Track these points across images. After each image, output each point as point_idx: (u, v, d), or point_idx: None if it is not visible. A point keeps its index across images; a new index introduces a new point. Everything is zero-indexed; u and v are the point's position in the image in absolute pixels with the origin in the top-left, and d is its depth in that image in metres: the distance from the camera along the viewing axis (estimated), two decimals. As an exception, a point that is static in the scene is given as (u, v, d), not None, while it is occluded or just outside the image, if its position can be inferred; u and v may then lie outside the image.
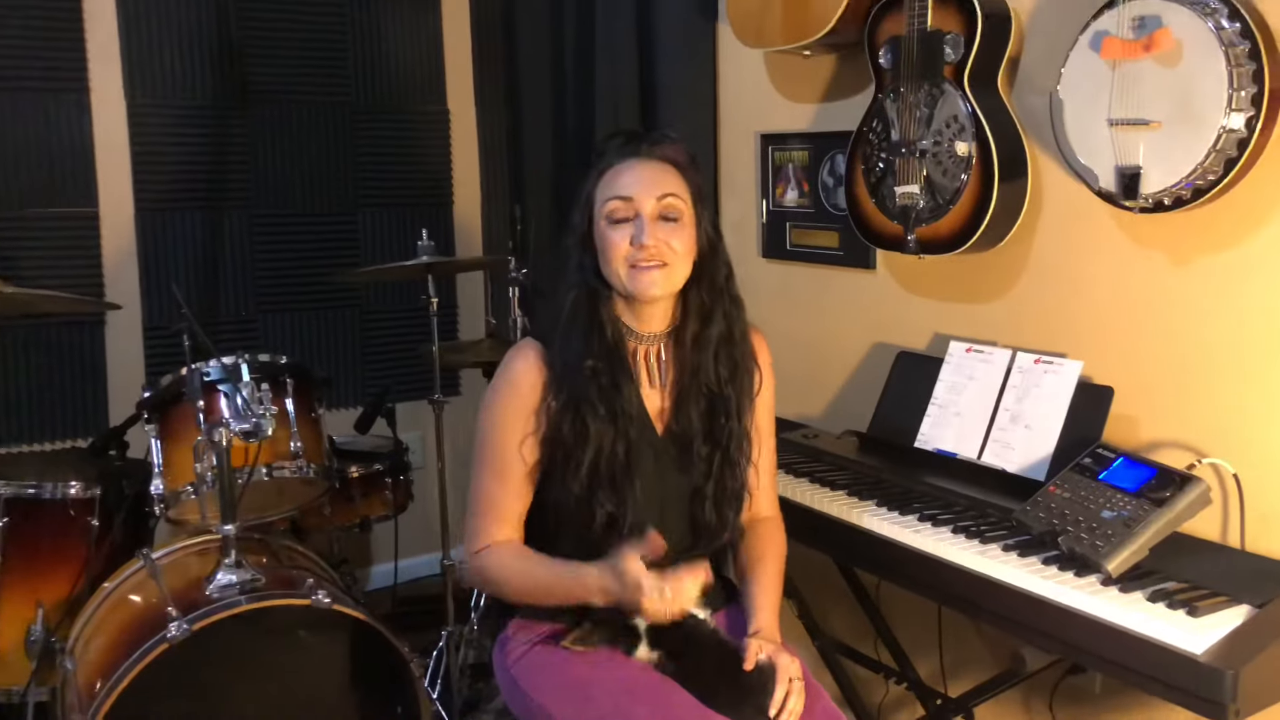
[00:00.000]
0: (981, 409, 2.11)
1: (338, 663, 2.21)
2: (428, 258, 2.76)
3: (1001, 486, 1.98)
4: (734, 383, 1.72)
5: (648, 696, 1.58)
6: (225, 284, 3.45)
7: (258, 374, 2.37)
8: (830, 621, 2.50)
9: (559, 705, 1.64)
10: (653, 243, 1.63)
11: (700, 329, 1.71)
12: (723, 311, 1.72)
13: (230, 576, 2.19)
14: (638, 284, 1.65)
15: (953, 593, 1.80)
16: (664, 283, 1.65)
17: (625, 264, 1.64)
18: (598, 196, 1.68)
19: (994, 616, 1.74)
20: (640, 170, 1.66)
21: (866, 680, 2.48)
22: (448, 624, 2.79)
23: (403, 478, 3.04)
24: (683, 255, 1.66)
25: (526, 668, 1.72)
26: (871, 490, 2.08)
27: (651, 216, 1.64)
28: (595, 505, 1.66)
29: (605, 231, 1.66)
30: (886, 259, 2.50)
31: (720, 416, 1.71)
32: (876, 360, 2.49)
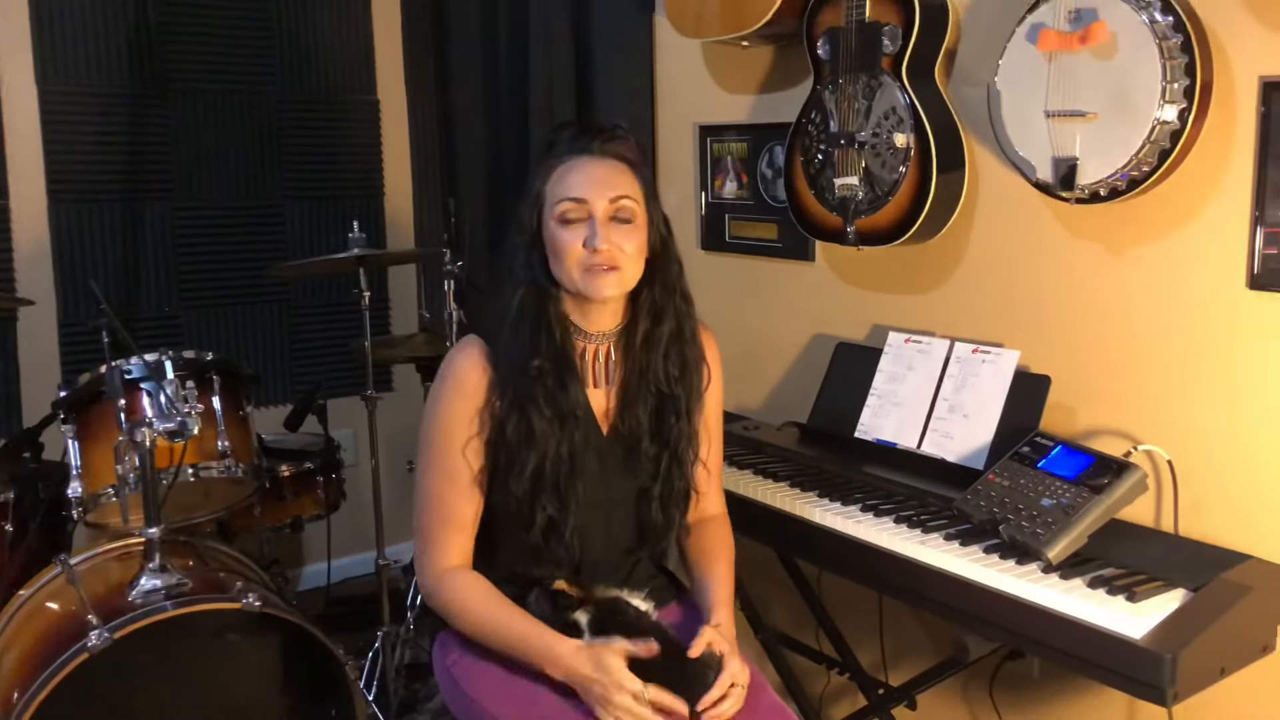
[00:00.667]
0: (920, 399, 2.12)
1: (270, 667, 2.16)
2: (359, 250, 2.70)
3: (941, 476, 2.00)
4: (683, 382, 1.70)
5: None
6: (146, 279, 3.34)
7: (182, 371, 2.30)
8: (772, 613, 2.49)
9: (500, 706, 1.61)
10: (606, 246, 1.59)
11: (651, 328, 1.68)
12: (674, 310, 1.69)
13: (154, 581, 2.12)
14: (591, 287, 1.61)
15: (895, 582, 1.80)
16: (617, 285, 1.63)
17: (579, 266, 1.61)
18: (548, 194, 1.64)
19: (936, 605, 1.75)
20: (593, 169, 1.62)
21: (808, 671, 2.49)
22: (383, 624, 2.74)
23: (335, 476, 2.97)
24: (635, 257, 1.63)
25: (467, 668, 1.68)
26: (813, 481, 2.08)
27: (604, 218, 1.60)
28: (537, 509, 1.63)
29: (556, 232, 1.62)
30: (825, 251, 2.50)
31: (670, 416, 1.69)
32: (816, 352, 2.49)
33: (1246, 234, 1.75)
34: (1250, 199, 1.74)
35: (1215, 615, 1.51)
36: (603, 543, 1.70)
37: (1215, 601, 1.54)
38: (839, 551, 1.88)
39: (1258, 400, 1.76)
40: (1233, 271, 1.77)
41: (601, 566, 1.71)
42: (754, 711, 1.60)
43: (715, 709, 1.54)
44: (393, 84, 3.73)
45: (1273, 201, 1.71)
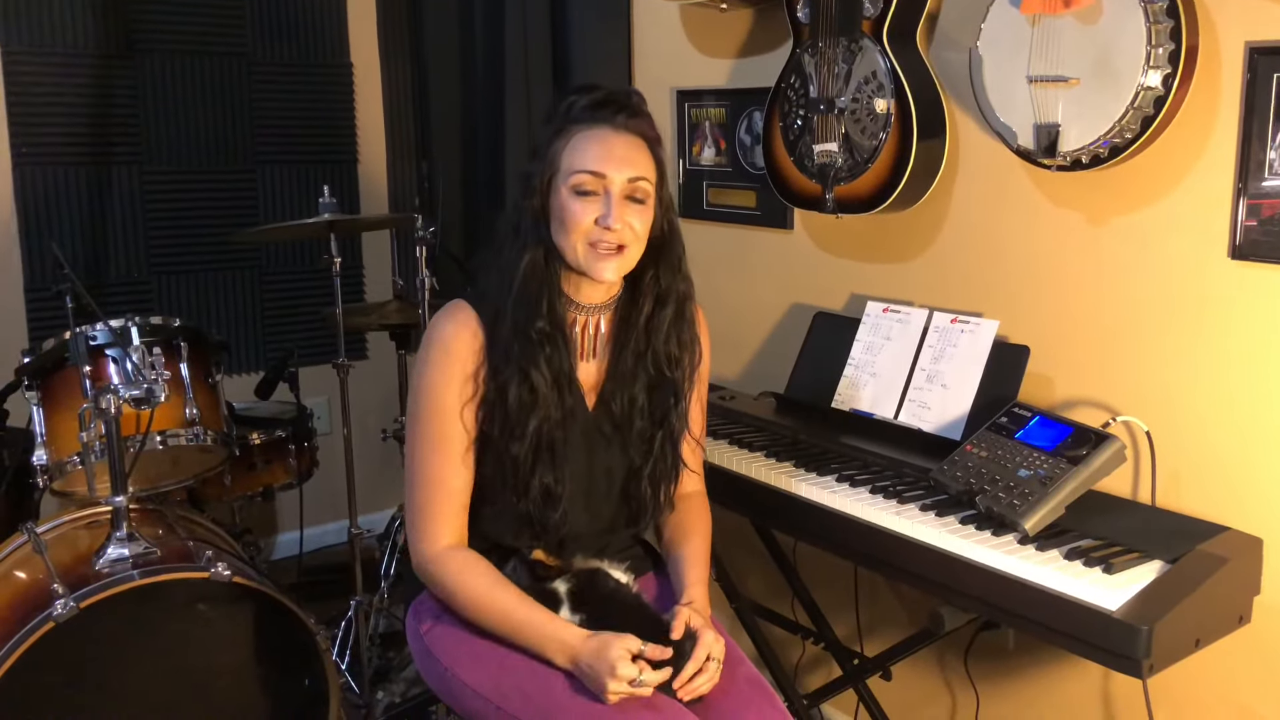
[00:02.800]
0: (898, 369, 2.10)
1: (240, 637, 2.12)
2: (330, 215, 2.63)
3: (918, 446, 1.97)
4: (680, 366, 1.68)
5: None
6: (114, 244, 3.26)
7: (149, 337, 2.27)
8: (748, 583, 2.48)
9: (474, 674, 1.59)
10: (619, 226, 1.56)
11: (655, 310, 1.66)
12: (678, 293, 1.67)
13: (121, 550, 2.07)
14: (594, 266, 1.58)
15: (871, 553, 1.78)
16: (620, 267, 1.60)
17: (585, 241, 1.57)
18: (563, 161, 1.58)
19: (912, 576, 1.73)
20: (614, 144, 1.58)
21: (784, 641, 2.48)
22: (356, 593, 2.70)
23: (307, 444, 2.93)
24: (641, 238, 1.60)
25: (441, 636, 1.66)
26: (789, 451, 2.05)
27: (619, 196, 1.57)
28: (534, 476, 1.59)
29: (568, 202, 1.58)
30: (804, 219, 2.47)
31: (668, 398, 1.67)
32: (794, 321, 2.47)
33: (1229, 203, 1.72)
34: (1234, 168, 1.71)
35: (1191, 587, 1.49)
36: (586, 516, 1.68)
37: (1191, 573, 1.53)
38: (815, 522, 1.86)
39: (1238, 371, 1.75)
40: (1215, 241, 1.75)
41: (582, 539, 1.68)
42: (731, 683, 1.58)
43: (691, 684, 1.51)
44: (366, 47, 3.64)
45: (1256, 171, 1.68)
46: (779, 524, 2.12)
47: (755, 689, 1.59)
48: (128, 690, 2.00)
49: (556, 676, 1.52)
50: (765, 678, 1.64)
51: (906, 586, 2.25)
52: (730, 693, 1.56)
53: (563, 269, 1.63)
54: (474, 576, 1.58)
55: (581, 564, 1.64)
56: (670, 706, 1.48)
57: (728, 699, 1.55)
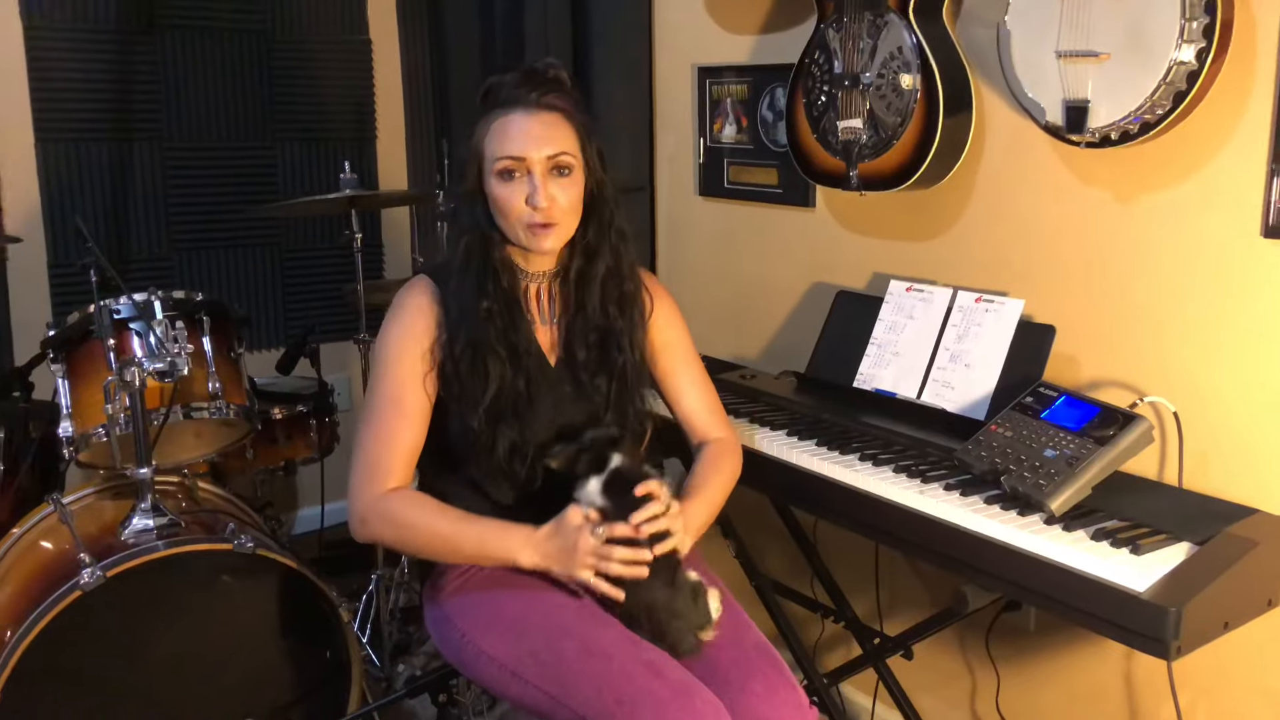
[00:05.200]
0: (921, 348, 2.07)
1: (262, 609, 2.12)
2: (351, 191, 2.62)
3: (941, 426, 1.95)
4: (625, 316, 1.73)
5: (578, 632, 1.55)
6: (136, 220, 3.25)
7: (171, 311, 2.26)
8: (767, 561, 2.47)
9: (490, 641, 1.61)
10: (546, 203, 1.63)
11: (585, 265, 1.73)
12: (609, 247, 1.73)
13: (146, 521, 2.09)
14: (534, 242, 1.66)
15: (894, 532, 1.76)
16: (557, 239, 1.67)
17: (521, 223, 1.65)
18: (487, 149, 1.66)
19: (936, 556, 1.71)
20: (530, 125, 1.63)
21: (803, 619, 2.46)
22: (377, 567, 2.70)
23: (328, 419, 2.92)
24: (572, 209, 1.68)
25: (458, 605, 1.69)
26: (810, 430, 2.03)
27: (542, 174, 1.64)
28: (498, 435, 1.65)
29: (497, 189, 1.65)
30: (826, 197, 2.43)
31: (613, 349, 1.73)
32: (815, 300, 2.44)
33: (1263, 180, 1.68)
34: (1268, 144, 1.67)
35: (1221, 569, 1.46)
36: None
37: (1220, 555, 1.50)
38: (837, 501, 1.84)
39: (1268, 352, 1.71)
40: (1247, 219, 1.71)
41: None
42: (739, 651, 1.58)
43: (652, 524, 1.55)
44: (385, 22, 3.61)
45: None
46: (800, 503, 2.10)
47: (762, 656, 1.59)
48: (151, 660, 2.01)
49: (569, 641, 1.52)
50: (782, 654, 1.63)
51: (927, 566, 2.24)
52: (739, 661, 1.56)
53: (509, 248, 1.70)
54: (416, 508, 1.64)
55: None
56: (674, 670, 1.49)
57: (735, 667, 1.55)
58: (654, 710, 1.41)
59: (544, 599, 1.61)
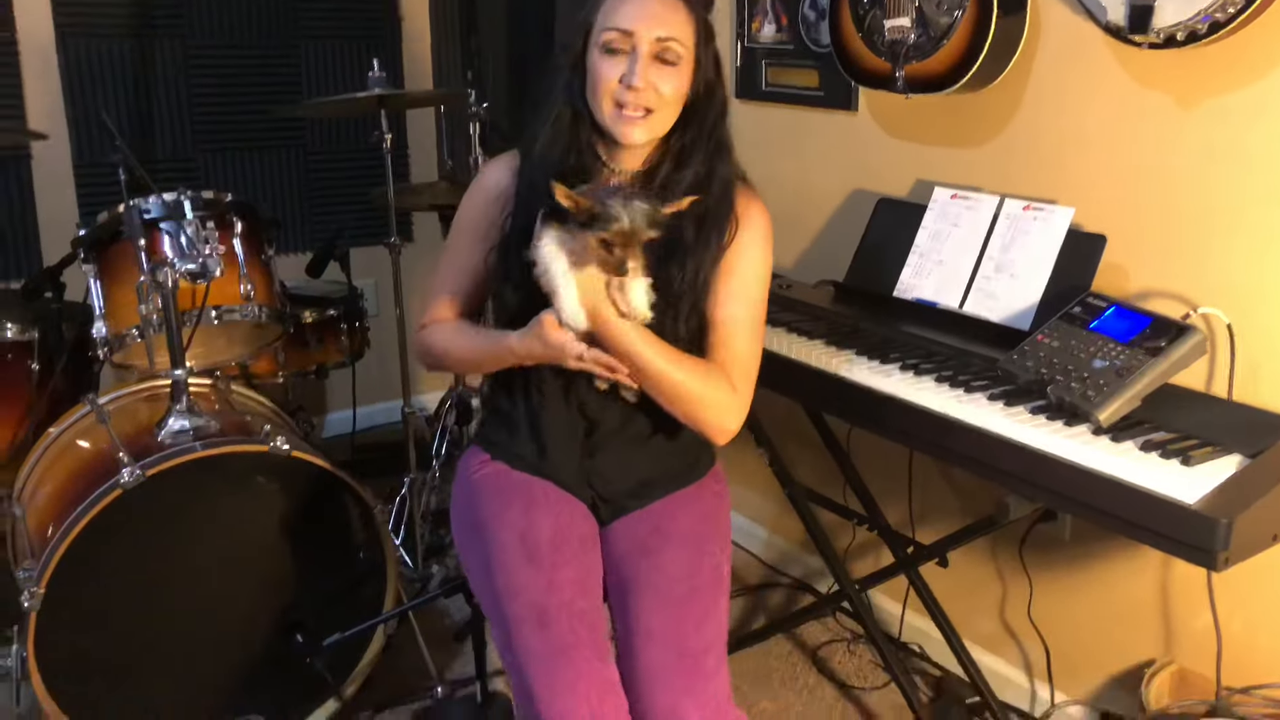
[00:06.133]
0: (965, 257, 2.03)
1: (297, 511, 2.13)
2: (380, 90, 2.55)
3: (984, 336, 1.92)
4: (699, 235, 1.57)
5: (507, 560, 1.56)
6: (160, 120, 3.20)
7: (201, 211, 2.21)
8: (800, 470, 2.46)
9: (461, 542, 1.69)
10: (642, 85, 1.52)
11: (672, 172, 1.58)
12: (703, 157, 1.59)
13: (183, 422, 2.08)
14: (619, 128, 1.55)
15: (935, 441, 1.74)
16: (646, 130, 1.55)
17: (611, 100, 1.54)
18: (596, 21, 1.56)
19: (977, 466, 1.69)
20: (649, 3, 1.53)
21: (835, 525, 2.48)
22: (410, 470, 2.72)
23: (358, 324, 2.92)
24: (671, 101, 1.55)
25: (456, 503, 1.73)
26: (848, 339, 2.01)
27: (647, 56, 1.52)
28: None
29: (597, 61, 1.54)
30: (869, 99, 2.37)
31: (673, 266, 1.56)
32: (855, 207, 2.39)
33: (1334, 84, 1.62)
34: (1344, 46, 1.60)
35: (1272, 481, 1.44)
36: None
37: (1272, 468, 1.48)
38: (874, 409, 1.82)
39: (1327, 263, 1.67)
40: (1314, 125, 1.65)
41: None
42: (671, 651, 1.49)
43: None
44: (411, -84, 3.50)
45: (1368, 49, 1.57)
46: (835, 411, 2.07)
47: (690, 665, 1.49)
48: (188, 558, 2.03)
49: (498, 575, 1.55)
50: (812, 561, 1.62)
51: (961, 475, 2.23)
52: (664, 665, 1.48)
53: (597, 135, 1.60)
54: (448, 331, 1.68)
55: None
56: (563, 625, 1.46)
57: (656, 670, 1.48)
58: (532, 666, 1.44)
59: (504, 516, 1.62)
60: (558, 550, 1.57)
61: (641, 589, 1.57)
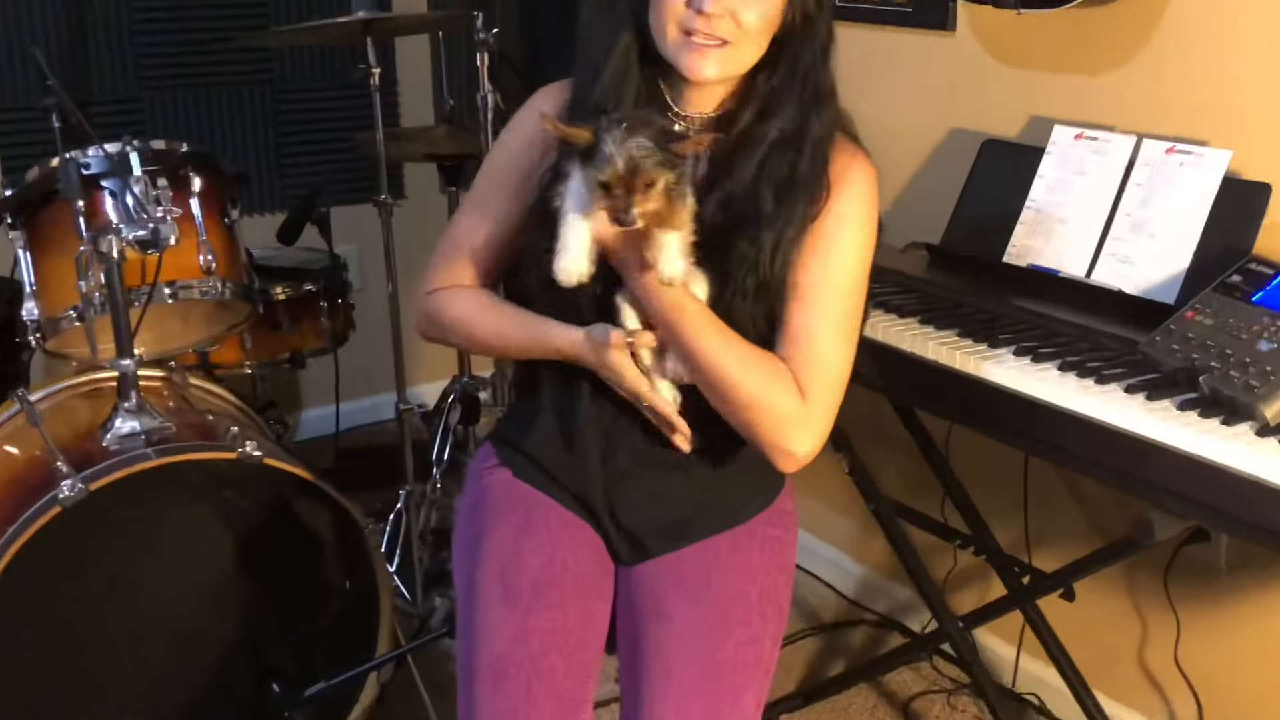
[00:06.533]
0: (1093, 214, 2.04)
1: (271, 531, 2.17)
2: (365, 13, 2.58)
3: (1119, 312, 1.92)
4: (780, 206, 1.54)
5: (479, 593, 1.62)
6: (95, 51, 3.25)
7: (151, 166, 2.24)
8: (886, 479, 2.47)
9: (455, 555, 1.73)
10: (717, 10, 1.48)
11: (755, 122, 1.56)
12: (797, 105, 1.55)
13: (132, 424, 2.12)
14: (684, 60, 1.52)
15: (1057, 444, 1.75)
16: (719, 66, 1.52)
17: (676, 27, 1.51)
18: None
19: (1111, 474, 1.70)
20: None
21: (932, 548, 2.49)
22: (406, 481, 2.75)
23: (341, 301, 2.95)
24: (754, 33, 1.51)
25: (484, 491, 1.73)
26: (948, 317, 2.02)
27: None
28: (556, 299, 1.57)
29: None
30: (971, 16, 2.38)
31: (740, 239, 1.54)
32: (954, 151, 2.40)
33: None
34: None
35: None
36: None
37: None
38: (981, 404, 1.83)
39: None
40: None
41: None
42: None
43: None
44: None
45: None
46: (932, 406, 2.10)
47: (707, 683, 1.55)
48: (140, 592, 2.07)
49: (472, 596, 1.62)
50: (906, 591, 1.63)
51: (1094, 487, 2.24)
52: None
53: (660, 69, 1.58)
54: (471, 300, 1.69)
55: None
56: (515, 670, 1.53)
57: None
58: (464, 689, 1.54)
59: (492, 538, 1.66)
60: (540, 592, 1.59)
61: (649, 664, 1.57)
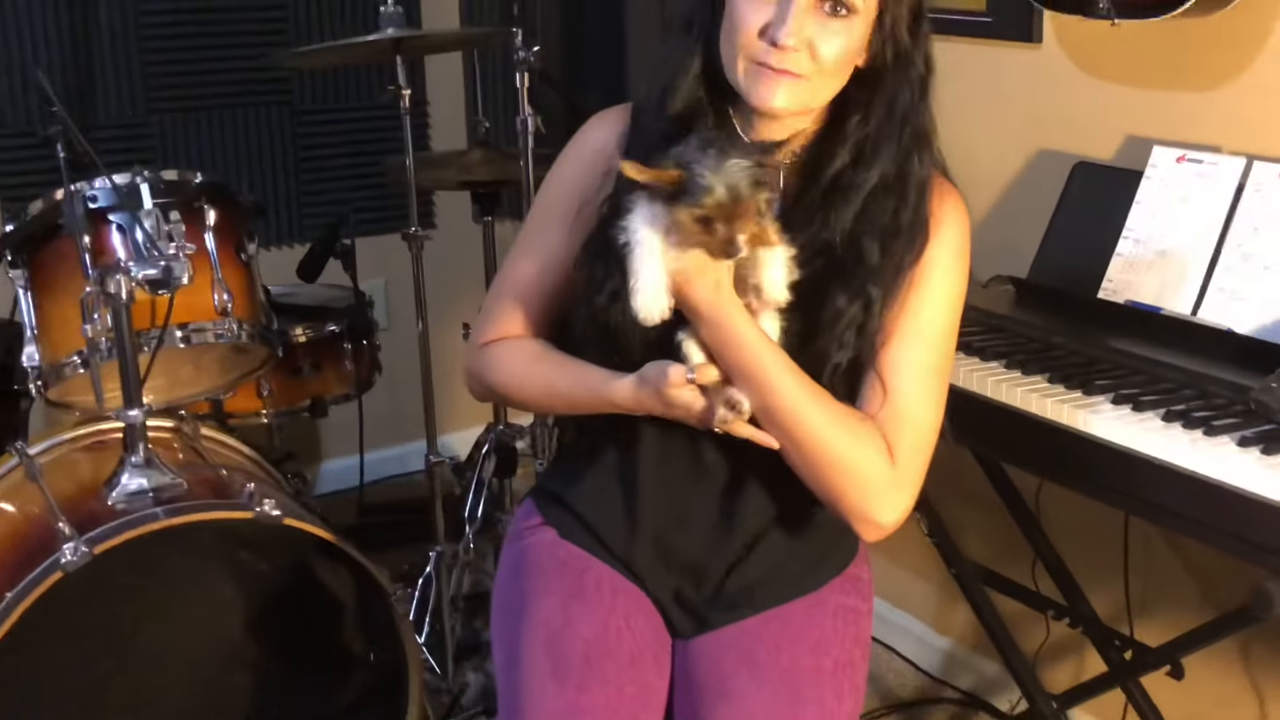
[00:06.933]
0: (1199, 244, 2.03)
1: (290, 596, 2.19)
2: (396, 31, 2.62)
3: (1229, 355, 1.91)
4: (887, 253, 1.54)
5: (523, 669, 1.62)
6: (103, 75, 3.32)
7: (163, 198, 2.28)
8: (969, 541, 2.45)
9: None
10: (793, 42, 1.48)
11: (849, 168, 1.56)
12: (897, 149, 1.55)
13: (140, 480, 2.15)
14: (755, 89, 1.52)
15: (1160, 503, 1.74)
16: (790, 97, 1.52)
17: (745, 56, 1.52)
18: None
19: (1222, 537, 1.68)
20: None
21: (1021, 618, 2.47)
22: (436, 541, 2.76)
23: (366, 342, 2.97)
24: (832, 68, 1.52)
25: (525, 552, 1.74)
26: (1037, 360, 2.01)
27: (808, 3, 1.48)
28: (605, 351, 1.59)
29: (737, 0, 1.52)
30: (1058, 27, 2.39)
31: (838, 295, 1.54)
32: (1041, 175, 2.40)
33: None
34: None
35: None
36: None
37: None
38: (1076, 458, 1.83)
39: None
40: None
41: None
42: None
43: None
44: None
45: None
46: (1021, 460, 2.09)
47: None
48: (148, 658, 2.09)
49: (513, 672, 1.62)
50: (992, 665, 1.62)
51: (1204, 550, 2.21)
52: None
53: (730, 98, 1.59)
54: (520, 353, 1.70)
55: None
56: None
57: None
58: None
59: (539, 606, 1.67)
60: (593, 665, 1.59)
61: None
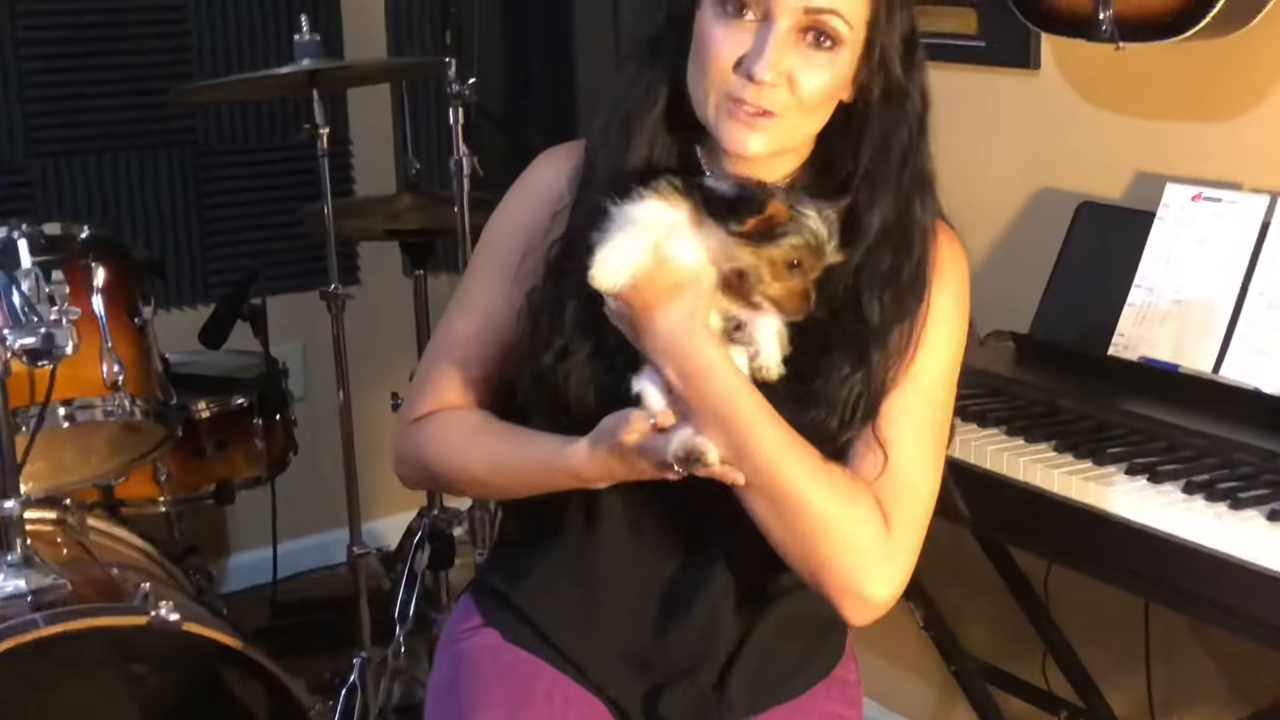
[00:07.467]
0: (1219, 293, 2.06)
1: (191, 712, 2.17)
2: (311, 62, 2.64)
3: (1256, 417, 1.94)
4: (888, 310, 1.55)
5: None
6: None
7: (44, 256, 2.28)
8: (972, 631, 2.46)
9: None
10: (771, 77, 1.47)
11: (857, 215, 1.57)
12: (895, 194, 1.55)
13: (16, 582, 2.12)
14: (725, 130, 1.52)
15: (1185, 588, 1.76)
16: (768, 139, 1.53)
17: (717, 90, 1.51)
18: None
19: (1252, 625, 1.70)
20: None
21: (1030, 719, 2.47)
22: (362, 645, 2.75)
23: (280, 417, 2.97)
24: (812, 104, 1.52)
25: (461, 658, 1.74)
26: (1043, 427, 2.04)
27: (786, 33, 1.48)
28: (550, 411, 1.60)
29: (707, 26, 1.52)
30: (1058, 52, 2.43)
31: (840, 363, 1.54)
32: (1042, 216, 2.43)
33: None
34: None
35: None
36: None
37: None
38: (1087, 537, 1.85)
39: None
40: None
41: None
42: None
43: None
44: None
45: None
46: (1026, 541, 2.11)
47: None
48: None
49: None
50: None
51: (1232, 640, 2.21)
52: None
53: (697, 134, 1.59)
54: (459, 427, 1.69)
55: None
56: None
57: None
58: None
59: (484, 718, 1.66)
60: None
61: None
